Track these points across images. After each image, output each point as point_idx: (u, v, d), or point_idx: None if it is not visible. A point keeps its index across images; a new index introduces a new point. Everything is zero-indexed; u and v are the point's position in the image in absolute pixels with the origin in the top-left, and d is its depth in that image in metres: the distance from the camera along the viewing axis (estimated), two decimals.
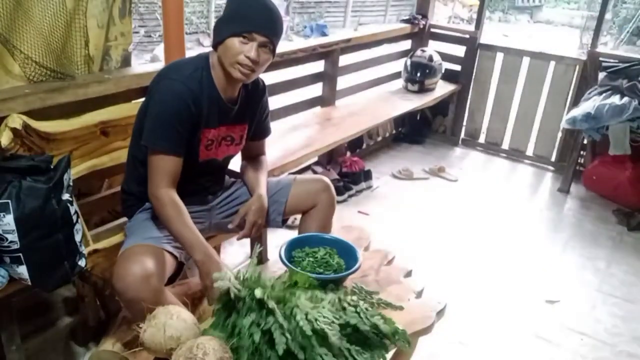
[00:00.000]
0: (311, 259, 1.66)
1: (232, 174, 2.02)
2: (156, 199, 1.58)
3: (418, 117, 4.63)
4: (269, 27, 1.58)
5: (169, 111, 1.56)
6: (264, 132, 1.95)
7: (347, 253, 1.70)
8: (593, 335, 2.35)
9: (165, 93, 1.58)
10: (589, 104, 3.34)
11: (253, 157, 1.97)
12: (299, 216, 1.99)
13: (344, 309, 1.36)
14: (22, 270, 1.43)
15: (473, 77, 4.34)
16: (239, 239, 1.83)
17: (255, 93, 1.79)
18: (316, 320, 1.22)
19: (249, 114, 1.82)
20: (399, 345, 1.42)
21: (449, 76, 4.35)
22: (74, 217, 1.51)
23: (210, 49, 1.68)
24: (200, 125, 1.65)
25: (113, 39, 2.08)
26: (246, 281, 1.30)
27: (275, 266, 1.76)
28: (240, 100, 1.75)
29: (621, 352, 2.27)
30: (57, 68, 1.87)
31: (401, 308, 1.63)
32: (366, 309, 1.39)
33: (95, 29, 1.99)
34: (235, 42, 1.55)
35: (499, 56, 4.18)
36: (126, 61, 2.16)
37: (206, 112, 1.65)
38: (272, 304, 1.24)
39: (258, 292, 1.24)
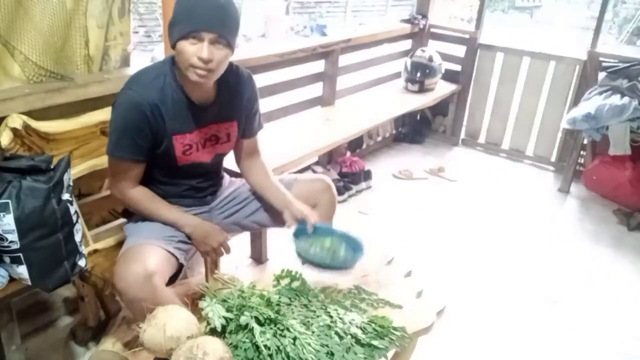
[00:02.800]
0: (317, 249, 1.69)
1: (232, 173, 2.01)
2: (129, 199, 1.67)
3: (418, 117, 4.63)
4: (216, 23, 1.48)
5: (125, 122, 1.57)
6: (255, 127, 1.85)
7: (354, 248, 1.72)
8: (593, 335, 2.35)
9: (122, 104, 1.57)
10: (589, 104, 3.34)
11: (250, 160, 1.88)
12: None
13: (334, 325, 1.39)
14: (22, 270, 1.42)
15: (473, 77, 4.34)
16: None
17: (238, 86, 1.72)
18: (303, 347, 1.24)
19: (236, 109, 1.75)
20: (399, 341, 1.43)
21: (449, 76, 4.34)
22: (74, 217, 1.51)
23: None
24: (166, 132, 1.61)
25: (112, 38, 2.08)
26: (233, 307, 1.31)
27: (275, 266, 1.76)
28: (220, 97, 1.69)
29: (621, 352, 2.27)
30: (56, 69, 1.87)
31: (401, 307, 1.63)
32: (362, 324, 1.42)
33: (95, 29, 1.99)
34: (185, 45, 1.48)
35: (499, 56, 4.18)
36: (125, 61, 2.16)
37: (172, 119, 1.60)
38: (258, 331, 1.25)
39: (243, 319, 1.27)
